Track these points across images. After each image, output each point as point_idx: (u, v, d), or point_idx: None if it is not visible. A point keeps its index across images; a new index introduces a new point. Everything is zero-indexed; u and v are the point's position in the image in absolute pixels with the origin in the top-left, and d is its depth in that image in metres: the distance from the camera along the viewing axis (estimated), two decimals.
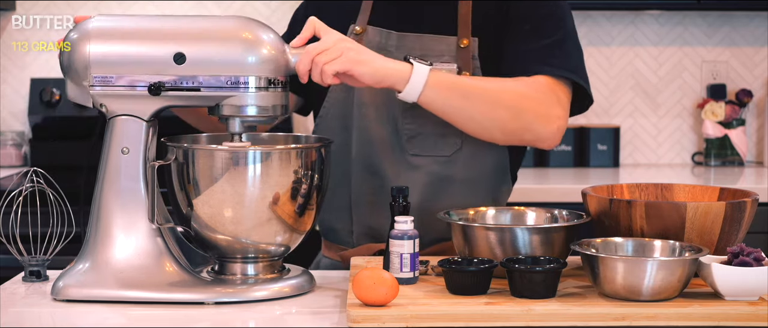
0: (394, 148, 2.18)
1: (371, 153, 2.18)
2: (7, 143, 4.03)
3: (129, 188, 1.88)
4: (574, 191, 3.26)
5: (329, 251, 2.29)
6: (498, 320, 1.69)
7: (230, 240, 1.89)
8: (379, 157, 2.18)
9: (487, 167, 2.20)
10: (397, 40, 2.19)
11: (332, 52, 1.94)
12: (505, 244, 1.87)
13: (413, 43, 2.18)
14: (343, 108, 2.21)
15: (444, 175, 2.17)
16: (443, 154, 2.17)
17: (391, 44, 2.18)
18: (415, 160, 2.18)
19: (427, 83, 2.01)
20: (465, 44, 2.15)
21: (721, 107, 4.14)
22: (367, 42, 2.19)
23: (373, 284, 1.70)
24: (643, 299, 1.73)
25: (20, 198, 1.97)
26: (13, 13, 4.12)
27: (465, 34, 2.16)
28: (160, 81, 1.85)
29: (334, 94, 2.23)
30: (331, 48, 1.95)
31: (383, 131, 2.18)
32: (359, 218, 2.21)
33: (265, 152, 1.86)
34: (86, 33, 1.87)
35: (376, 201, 2.18)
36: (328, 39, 1.96)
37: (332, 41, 1.95)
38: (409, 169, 2.18)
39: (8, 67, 4.13)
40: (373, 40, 2.20)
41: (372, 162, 2.18)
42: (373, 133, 2.17)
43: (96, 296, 1.85)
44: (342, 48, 1.95)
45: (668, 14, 4.20)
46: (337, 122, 2.21)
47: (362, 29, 2.21)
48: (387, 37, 2.19)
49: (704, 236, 1.86)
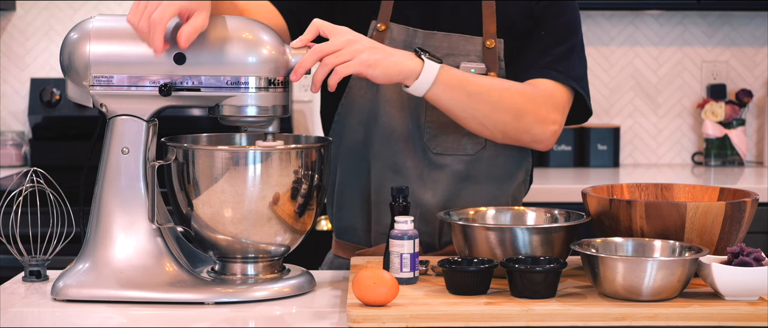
0: (416, 146, 2.18)
1: (393, 151, 2.17)
2: (7, 143, 4.03)
3: (129, 187, 1.88)
4: (574, 191, 3.26)
5: (343, 251, 2.27)
6: (498, 320, 1.69)
7: (230, 240, 1.89)
8: (401, 156, 2.17)
9: (509, 166, 2.20)
10: (423, 39, 2.18)
11: (344, 54, 1.92)
12: (505, 244, 1.87)
13: (440, 42, 2.17)
14: (367, 103, 2.19)
15: (467, 173, 2.17)
16: (467, 153, 2.17)
17: (417, 43, 2.17)
18: (438, 159, 2.17)
19: (435, 80, 2.00)
20: (491, 45, 2.15)
21: (721, 107, 4.14)
22: (390, 40, 2.17)
23: (373, 284, 1.70)
24: (643, 299, 1.73)
25: (20, 198, 1.97)
26: (14, 13, 4.12)
27: (490, 34, 2.16)
28: (170, 81, 1.85)
29: (357, 89, 2.20)
30: (342, 50, 1.92)
31: (406, 129, 2.17)
32: (379, 218, 2.19)
33: (265, 152, 1.86)
34: (86, 33, 1.87)
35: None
36: (337, 40, 1.93)
37: (343, 42, 1.93)
38: (432, 167, 2.17)
39: (8, 67, 4.13)
40: (397, 38, 2.18)
41: (394, 161, 2.17)
42: (395, 131, 2.16)
43: (96, 296, 1.85)
44: (353, 51, 1.93)
45: (668, 14, 4.20)
46: (357, 117, 2.19)
47: (385, 26, 2.20)
48: (413, 35, 2.18)
49: (704, 236, 1.86)
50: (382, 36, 2.18)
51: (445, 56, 2.15)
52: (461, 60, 2.15)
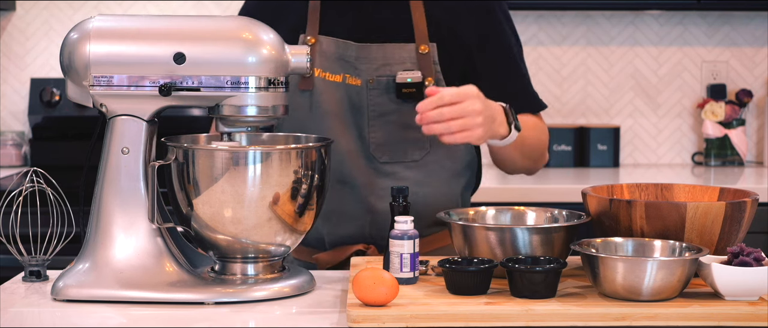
0: (361, 157, 2.19)
1: (340, 163, 2.18)
2: (7, 143, 4.03)
3: (129, 187, 1.88)
4: (574, 191, 3.26)
5: (299, 254, 2.28)
6: (498, 320, 1.69)
7: (230, 240, 1.89)
8: (348, 167, 2.19)
9: (455, 168, 2.23)
10: (357, 51, 2.19)
11: (467, 123, 1.95)
12: (505, 244, 1.87)
13: (375, 53, 2.18)
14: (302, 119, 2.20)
15: (417, 179, 2.19)
16: (413, 160, 2.19)
17: (350, 55, 2.19)
18: (386, 168, 2.19)
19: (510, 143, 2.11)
20: (425, 50, 2.17)
21: (721, 107, 4.14)
22: (320, 52, 2.19)
23: (373, 284, 1.70)
24: (643, 299, 1.73)
25: (20, 198, 1.97)
26: (14, 13, 4.12)
27: (423, 39, 2.18)
28: (170, 81, 1.85)
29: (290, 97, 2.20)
30: (466, 118, 1.95)
31: (350, 141, 2.19)
32: (332, 229, 2.22)
33: (265, 152, 1.86)
34: (86, 33, 1.87)
35: (346, 210, 2.19)
36: (468, 106, 1.95)
37: (472, 110, 1.96)
38: (380, 176, 2.19)
39: (8, 67, 4.13)
40: (328, 51, 2.19)
41: (341, 172, 2.18)
42: (340, 144, 2.17)
43: (96, 296, 1.85)
44: (475, 124, 1.96)
45: (668, 14, 4.20)
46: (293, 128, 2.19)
47: (314, 40, 2.20)
48: (344, 47, 2.19)
49: (704, 236, 1.86)
50: (313, 50, 2.18)
51: (380, 66, 2.17)
52: (397, 68, 2.17)
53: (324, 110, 2.19)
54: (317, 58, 2.19)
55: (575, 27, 4.20)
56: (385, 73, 2.17)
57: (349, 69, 2.19)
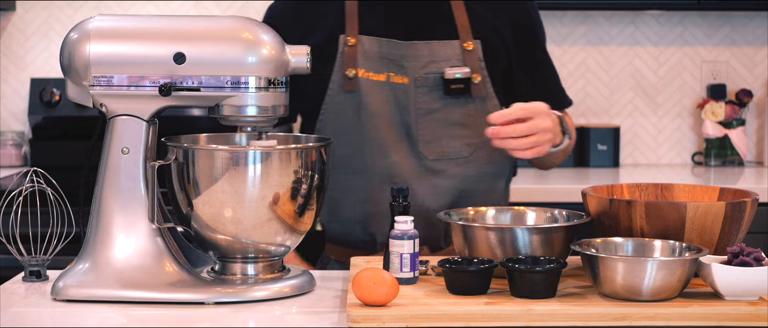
0: (410, 155, 2.18)
1: (388, 163, 2.18)
2: (7, 143, 4.03)
3: (129, 188, 1.88)
4: (574, 191, 3.26)
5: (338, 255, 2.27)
6: (498, 320, 1.69)
7: (230, 240, 1.89)
8: (397, 167, 2.18)
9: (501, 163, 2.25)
10: (403, 49, 2.18)
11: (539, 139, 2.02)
12: (505, 244, 1.87)
13: (422, 50, 2.18)
14: (347, 120, 2.20)
15: (466, 175, 2.19)
16: (462, 156, 2.19)
17: (396, 53, 2.18)
18: (435, 165, 2.19)
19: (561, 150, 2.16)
20: (470, 47, 2.17)
21: (721, 107, 4.14)
22: (362, 53, 2.18)
23: (373, 284, 1.70)
24: (643, 299, 1.73)
25: (20, 198, 1.97)
26: (14, 13, 4.12)
27: (467, 36, 2.17)
28: (170, 81, 1.85)
29: (333, 98, 2.21)
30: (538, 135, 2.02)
31: (397, 140, 2.18)
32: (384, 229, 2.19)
33: (265, 152, 1.86)
34: (86, 33, 1.87)
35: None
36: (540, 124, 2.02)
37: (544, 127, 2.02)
38: (430, 174, 2.18)
39: (8, 67, 4.13)
40: (370, 50, 2.19)
41: (391, 172, 2.18)
42: (387, 143, 2.17)
43: (96, 296, 1.85)
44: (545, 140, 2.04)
45: (668, 14, 4.20)
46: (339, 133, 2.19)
47: (354, 40, 2.20)
48: (388, 45, 2.18)
49: (704, 236, 1.86)
50: (353, 50, 2.17)
51: (427, 63, 2.16)
52: (443, 65, 2.16)
53: (370, 111, 2.18)
54: (359, 59, 2.18)
55: (575, 27, 4.20)
56: (432, 70, 2.17)
57: (394, 67, 2.18)
